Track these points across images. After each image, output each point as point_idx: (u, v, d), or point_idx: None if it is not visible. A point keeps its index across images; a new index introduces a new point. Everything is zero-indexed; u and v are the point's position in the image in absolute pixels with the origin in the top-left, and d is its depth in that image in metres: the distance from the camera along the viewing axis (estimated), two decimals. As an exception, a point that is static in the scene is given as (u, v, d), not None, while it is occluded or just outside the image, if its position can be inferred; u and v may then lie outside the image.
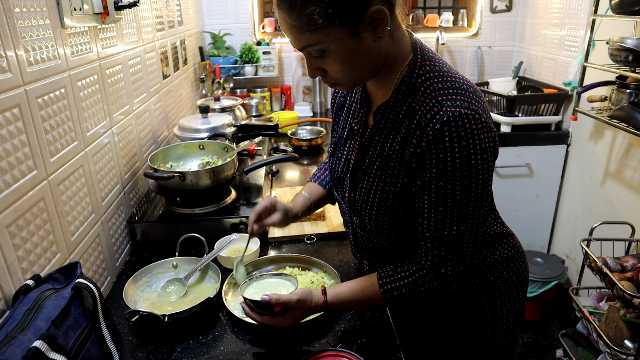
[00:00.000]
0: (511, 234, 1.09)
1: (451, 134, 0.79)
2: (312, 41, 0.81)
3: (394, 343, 0.99)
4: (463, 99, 0.81)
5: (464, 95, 0.82)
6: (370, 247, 1.04)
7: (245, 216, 1.38)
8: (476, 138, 0.80)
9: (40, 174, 0.93)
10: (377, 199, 0.93)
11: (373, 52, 0.84)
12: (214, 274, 1.17)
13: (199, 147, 1.60)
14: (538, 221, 2.73)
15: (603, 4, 1.93)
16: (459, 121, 0.79)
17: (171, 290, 1.14)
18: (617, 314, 1.76)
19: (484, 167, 0.82)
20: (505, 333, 1.08)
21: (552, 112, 2.49)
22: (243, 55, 2.79)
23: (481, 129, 0.80)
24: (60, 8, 1.02)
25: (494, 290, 1.04)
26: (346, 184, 1.01)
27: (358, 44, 0.81)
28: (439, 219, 0.85)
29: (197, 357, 0.96)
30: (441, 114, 0.80)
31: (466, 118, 0.79)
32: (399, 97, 0.88)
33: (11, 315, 0.75)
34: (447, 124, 0.79)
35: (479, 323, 1.05)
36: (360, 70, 0.86)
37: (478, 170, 0.81)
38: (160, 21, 1.85)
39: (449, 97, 0.82)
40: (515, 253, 1.07)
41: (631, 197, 2.07)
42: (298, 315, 0.96)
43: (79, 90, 1.11)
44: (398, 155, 0.88)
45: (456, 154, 0.79)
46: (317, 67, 0.87)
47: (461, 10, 3.06)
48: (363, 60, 0.84)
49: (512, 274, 1.06)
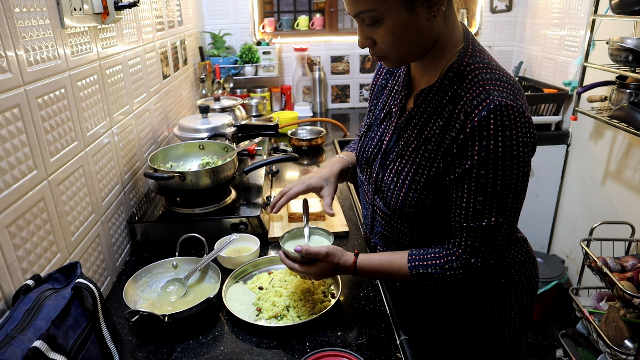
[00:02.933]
0: (524, 239, 1.09)
1: (496, 123, 0.79)
2: (368, 7, 0.81)
3: (394, 343, 0.99)
4: (509, 92, 0.82)
5: (510, 89, 0.83)
6: (388, 232, 1.05)
7: (245, 216, 1.38)
8: (519, 130, 0.80)
9: (40, 174, 0.93)
10: (409, 181, 0.93)
11: (425, 30, 0.84)
12: (214, 274, 1.17)
13: (199, 147, 1.60)
14: (538, 221, 2.73)
15: (603, 4, 1.93)
16: (504, 111, 0.79)
17: (171, 290, 1.14)
18: (617, 314, 1.76)
19: (525, 161, 0.82)
20: (512, 337, 1.08)
21: (552, 112, 2.49)
22: (243, 55, 2.79)
23: (524, 123, 0.81)
24: (60, 8, 1.02)
25: (504, 294, 1.04)
26: (375, 164, 1.01)
27: (412, 18, 0.82)
28: (477, 209, 0.85)
29: (197, 357, 0.96)
30: (488, 101, 0.80)
31: (511, 109, 0.80)
32: (444, 82, 0.88)
33: (11, 315, 0.75)
34: (494, 112, 0.79)
35: (486, 325, 1.05)
36: (410, 46, 0.86)
37: (520, 163, 0.82)
38: (160, 21, 1.85)
39: (496, 87, 0.82)
40: (527, 258, 1.07)
41: (631, 197, 2.07)
42: (325, 268, 0.98)
43: (79, 90, 1.11)
44: (438, 139, 0.88)
45: (499, 142, 0.80)
46: (368, 37, 0.87)
47: (461, 10, 3.06)
48: (414, 37, 0.85)
49: (523, 279, 1.05)
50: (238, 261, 1.25)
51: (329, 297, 1.11)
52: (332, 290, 1.14)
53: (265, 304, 1.08)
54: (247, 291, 1.15)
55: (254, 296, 1.13)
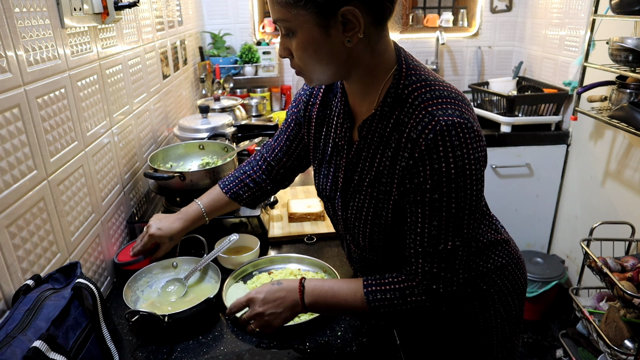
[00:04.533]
0: (507, 240, 1.04)
1: (445, 144, 0.76)
2: (281, 16, 0.78)
3: (394, 343, 0.99)
4: (454, 108, 0.79)
5: (454, 104, 0.79)
6: (364, 262, 1.02)
7: (245, 216, 1.38)
8: (470, 147, 0.77)
9: (40, 174, 0.93)
10: (370, 216, 0.89)
11: (340, 54, 0.80)
12: (214, 274, 1.17)
13: (199, 147, 1.60)
14: (538, 221, 2.73)
15: (603, 4, 1.93)
16: (452, 130, 0.76)
17: (171, 291, 1.14)
18: (617, 314, 1.76)
19: (478, 178, 0.79)
20: (502, 341, 1.05)
21: (552, 112, 2.49)
22: (243, 55, 2.79)
23: (474, 138, 0.78)
24: (60, 8, 1.02)
25: (487, 300, 1.01)
26: (337, 203, 0.97)
27: (325, 38, 0.78)
28: (433, 234, 0.81)
29: (197, 357, 0.96)
30: (433, 123, 0.77)
31: (459, 127, 0.76)
32: (385, 109, 0.84)
33: (11, 315, 0.75)
34: (441, 133, 0.76)
35: (472, 332, 1.03)
36: (323, 66, 0.82)
37: (473, 181, 0.78)
38: (160, 21, 1.85)
39: (439, 106, 0.78)
40: (510, 260, 1.03)
41: (631, 197, 2.07)
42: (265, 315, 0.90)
43: (79, 90, 1.11)
44: (389, 171, 0.85)
45: (451, 164, 0.76)
46: (285, 47, 0.83)
47: (461, 10, 3.06)
48: (327, 58, 0.81)
49: (507, 282, 1.02)
50: (238, 261, 1.25)
51: (329, 297, 1.11)
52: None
53: (265, 304, 1.08)
54: (247, 291, 1.15)
55: (254, 296, 1.13)
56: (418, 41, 3.03)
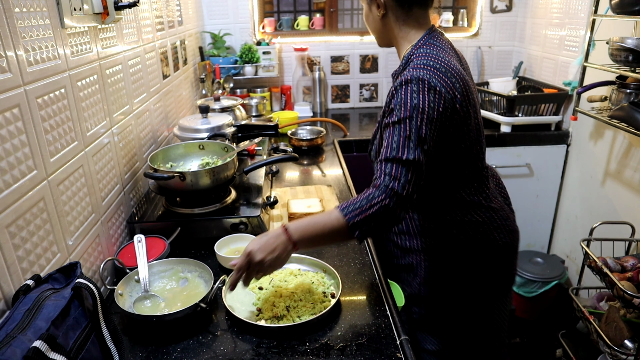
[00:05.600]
0: (495, 209, 1.20)
1: (406, 86, 1.04)
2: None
3: (394, 343, 0.99)
4: (429, 72, 1.05)
5: (432, 71, 1.06)
6: None
7: (245, 216, 1.38)
8: (426, 95, 1.03)
9: (40, 174, 0.93)
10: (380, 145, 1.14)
11: (377, 24, 1.21)
12: (206, 274, 1.14)
13: (199, 147, 1.60)
14: (538, 221, 2.73)
15: (603, 4, 1.93)
16: (414, 80, 1.04)
17: (148, 305, 1.08)
18: (617, 314, 1.76)
19: (431, 119, 1.03)
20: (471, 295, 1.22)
21: (552, 112, 2.49)
22: (243, 55, 2.79)
23: (430, 90, 1.03)
24: (60, 8, 1.02)
25: (455, 245, 1.19)
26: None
27: (369, 12, 1.21)
28: (394, 147, 1.02)
29: (197, 357, 0.96)
30: (412, 64, 1.10)
31: (421, 81, 1.04)
32: (401, 67, 1.18)
33: (11, 315, 0.75)
34: (406, 81, 1.05)
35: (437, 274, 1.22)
36: (373, 31, 1.25)
37: (424, 115, 1.02)
38: (160, 21, 1.85)
39: (419, 68, 1.06)
40: (490, 221, 1.19)
41: (631, 197, 2.07)
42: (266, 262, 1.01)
43: (79, 90, 1.11)
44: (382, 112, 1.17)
45: (409, 99, 1.03)
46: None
47: (461, 10, 3.06)
48: (372, 25, 1.23)
49: (480, 237, 1.18)
50: (238, 261, 1.24)
51: (329, 297, 1.11)
52: (332, 291, 1.14)
53: (265, 305, 1.08)
54: (247, 291, 1.15)
55: (254, 296, 1.13)
56: (418, 41, 3.03)
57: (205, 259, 1.24)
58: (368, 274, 1.23)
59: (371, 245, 1.35)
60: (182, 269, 1.18)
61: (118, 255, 1.24)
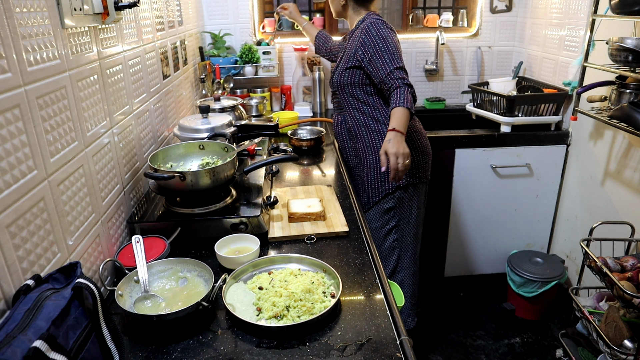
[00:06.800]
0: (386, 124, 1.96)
1: (371, 25, 1.85)
2: None
3: (394, 343, 0.99)
4: (378, 20, 1.88)
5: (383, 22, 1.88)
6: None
7: (246, 216, 1.38)
8: (385, 28, 1.85)
9: (41, 174, 0.93)
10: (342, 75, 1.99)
11: (338, 7, 2.02)
12: (206, 273, 1.15)
13: (199, 147, 1.60)
14: (538, 221, 2.73)
15: (603, 4, 1.93)
16: (376, 22, 1.85)
17: (148, 306, 1.08)
18: (617, 314, 1.76)
19: (393, 40, 1.83)
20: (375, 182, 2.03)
21: (552, 112, 2.49)
22: (243, 55, 2.79)
23: (386, 25, 1.86)
24: (60, 8, 1.02)
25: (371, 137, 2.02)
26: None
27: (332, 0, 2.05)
28: (393, 60, 1.79)
29: (197, 357, 0.96)
30: (367, 22, 1.88)
31: (380, 21, 1.86)
32: (354, 29, 1.98)
33: (11, 315, 0.75)
34: (369, 24, 1.85)
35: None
36: (333, 10, 2.07)
37: (390, 40, 1.82)
38: (160, 21, 1.85)
39: (375, 19, 1.88)
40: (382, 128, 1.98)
41: (631, 197, 2.07)
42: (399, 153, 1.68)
43: (79, 91, 1.11)
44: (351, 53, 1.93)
45: (379, 31, 1.82)
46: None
47: (461, 10, 3.06)
48: (334, 7, 2.04)
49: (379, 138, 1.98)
50: (238, 261, 1.25)
51: (329, 297, 1.11)
52: (332, 291, 1.14)
53: (265, 304, 1.08)
54: (247, 291, 1.15)
55: (254, 296, 1.13)
56: (418, 41, 3.03)
57: (205, 259, 1.24)
58: (368, 274, 1.23)
59: (371, 245, 1.35)
60: (181, 268, 1.18)
61: (118, 255, 1.24)
